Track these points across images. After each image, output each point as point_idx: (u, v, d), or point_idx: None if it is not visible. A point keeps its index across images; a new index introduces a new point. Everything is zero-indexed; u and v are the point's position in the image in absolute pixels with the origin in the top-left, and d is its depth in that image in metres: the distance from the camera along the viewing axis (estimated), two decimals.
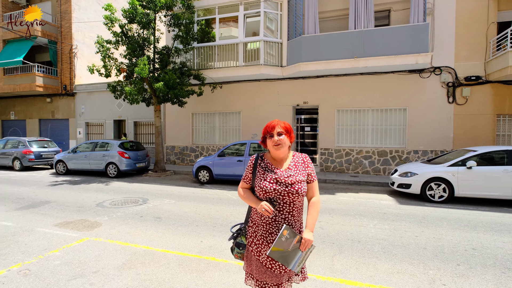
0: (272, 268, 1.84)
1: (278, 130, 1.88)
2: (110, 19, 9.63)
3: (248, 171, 1.99)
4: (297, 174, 1.88)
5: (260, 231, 1.89)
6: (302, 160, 1.98)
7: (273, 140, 1.87)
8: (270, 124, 1.92)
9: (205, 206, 6.36)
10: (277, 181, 1.84)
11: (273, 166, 1.91)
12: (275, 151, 1.89)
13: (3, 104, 18.07)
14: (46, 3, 16.54)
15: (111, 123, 15.25)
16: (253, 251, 1.91)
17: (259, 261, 1.88)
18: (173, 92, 10.15)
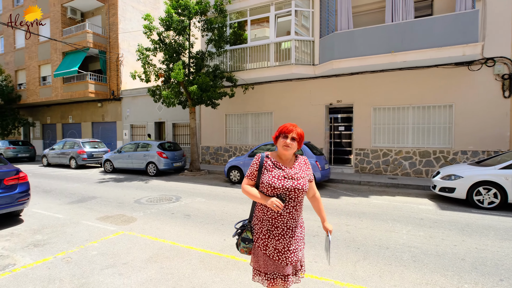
0: (279, 260, 1.98)
1: (293, 136, 2.01)
2: (149, 28, 10.29)
3: (253, 169, 2.08)
4: (301, 172, 2.05)
5: (265, 226, 2.01)
6: (304, 162, 2.15)
7: (285, 142, 2.00)
8: (288, 126, 2.03)
9: (232, 205, 6.50)
10: (285, 178, 1.98)
11: (280, 164, 2.04)
12: (283, 151, 2.02)
13: (63, 109, 20.31)
14: (97, 17, 18.23)
15: (152, 125, 16.29)
16: (260, 246, 2.01)
17: (265, 255, 2.00)
18: (206, 95, 10.52)
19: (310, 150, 8.53)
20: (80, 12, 18.73)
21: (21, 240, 4.34)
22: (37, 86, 19.63)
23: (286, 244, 1.99)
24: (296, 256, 2.03)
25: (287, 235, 1.99)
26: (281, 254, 1.98)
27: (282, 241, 1.98)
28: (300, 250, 2.06)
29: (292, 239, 2.01)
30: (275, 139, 2.10)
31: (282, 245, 1.98)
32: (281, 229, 1.98)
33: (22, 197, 5.09)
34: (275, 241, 1.98)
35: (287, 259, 1.99)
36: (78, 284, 3.06)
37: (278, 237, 1.98)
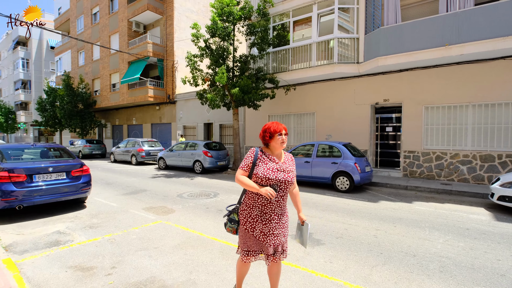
0: (264, 241, 2.29)
1: (285, 132, 2.32)
2: (196, 36, 11.10)
3: (248, 161, 2.32)
4: (290, 166, 2.38)
5: (255, 212, 2.30)
6: (291, 158, 2.46)
7: (282, 138, 2.30)
8: (277, 126, 2.31)
9: None
10: (278, 170, 2.27)
11: (274, 158, 2.33)
12: (280, 146, 2.31)
13: (128, 112, 22.93)
14: (156, 28, 20.18)
15: (202, 126, 17.39)
16: (247, 228, 2.32)
17: (253, 236, 2.31)
18: (248, 96, 10.90)
19: (349, 152, 8.24)
20: (143, 25, 20.95)
21: (81, 222, 5.18)
22: (108, 92, 22.54)
23: (271, 228, 2.29)
24: (279, 240, 2.32)
25: (273, 221, 2.30)
26: (266, 236, 2.28)
27: (269, 225, 2.28)
28: (283, 235, 2.36)
29: (277, 225, 2.31)
30: (268, 139, 2.32)
31: (268, 229, 2.28)
32: (269, 215, 2.28)
33: (84, 186, 6.04)
34: (262, 225, 2.28)
35: (271, 241, 2.28)
36: (115, 261, 3.58)
37: (265, 222, 2.28)
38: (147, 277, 3.18)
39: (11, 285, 2.93)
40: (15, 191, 5.11)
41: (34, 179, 5.37)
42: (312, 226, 4.99)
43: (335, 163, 8.24)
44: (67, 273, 3.27)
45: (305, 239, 2.47)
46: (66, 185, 5.71)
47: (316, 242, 4.24)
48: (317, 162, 8.67)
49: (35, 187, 5.32)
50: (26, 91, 40.28)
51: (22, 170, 5.28)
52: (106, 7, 22.62)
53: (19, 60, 39.85)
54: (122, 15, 20.87)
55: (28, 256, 3.75)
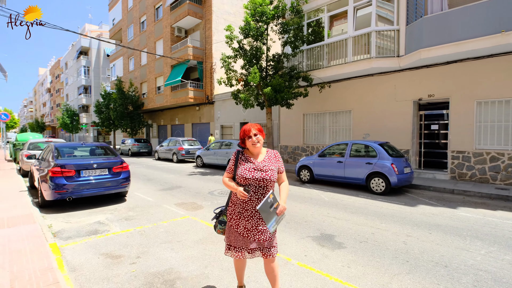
0: (248, 237, 2.36)
1: (254, 132, 2.36)
2: (230, 37, 11.36)
3: (231, 164, 2.47)
4: (270, 164, 2.39)
5: (238, 209, 2.40)
6: (274, 155, 2.49)
7: (252, 140, 2.36)
8: (246, 128, 2.39)
9: (292, 203, 6.61)
10: (255, 169, 2.33)
11: (251, 159, 2.40)
12: (253, 148, 2.38)
13: (171, 113, 24.33)
14: (196, 32, 21.08)
15: (238, 125, 17.76)
16: (232, 225, 2.43)
17: (237, 232, 2.41)
18: (280, 95, 10.85)
19: (386, 152, 7.75)
20: (184, 30, 22.05)
21: (119, 214, 5.68)
22: (154, 95, 24.19)
23: (254, 224, 2.35)
24: (264, 235, 2.34)
25: (255, 217, 2.35)
26: (249, 232, 2.36)
27: (251, 221, 2.35)
28: (268, 232, 2.35)
29: (260, 221, 2.35)
30: (242, 143, 2.46)
31: (251, 225, 2.35)
32: (250, 212, 2.35)
33: (124, 181, 6.60)
34: (245, 221, 2.36)
35: (254, 236, 2.34)
36: (141, 251, 3.87)
37: (247, 218, 2.36)
38: (166, 268, 3.39)
39: (52, 267, 3.35)
40: (66, 184, 5.79)
41: (82, 174, 6.02)
42: (335, 229, 4.82)
43: (370, 164, 7.82)
44: (99, 260, 3.62)
45: (270, 218, 2.24)
46: (108, 180, 6.30)
47: (337, 245, 4.09)
48: (350, 162, 8.31)
49: (82, 181, 5.97)
50: (87, 95, 45.02)
51: (72, 166, 5.95)
52: (152, 15, 24.27)
53: (81, 68, 44.71)
54: (165, 22, 22.20)
55: (70, 242, 4.23)
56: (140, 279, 3.13)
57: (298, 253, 3.84)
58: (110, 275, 3.22)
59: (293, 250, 3.92)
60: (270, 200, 2.23)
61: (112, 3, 32.78)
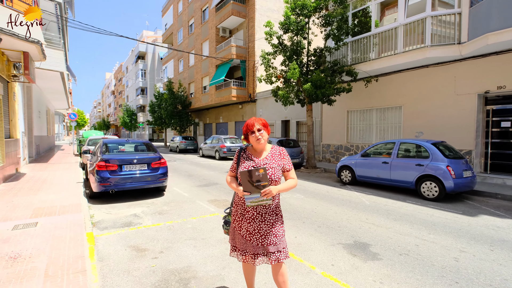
0: (251, 240, 2.21)
1: (257, 127, 2.19)
2: (269, 33, 11.15)
3: (234, 162, 2.34)
4: (272, 162, 2.20)
5: (239, 210, 2.26)
6: (279, 152, 2.29)
7: (255, 136, 2.19)
8: (249, 122, 2.22)
9: (328, 205, 6.18)
10: (254, 167, 2.14)
11: (252, 156, 2.25)
12: (257, 144, 2.22)
13: (216, 111, 25.07)
14: (240, 31, 21.31)
15: (279, 123, 17.50)
16: (235, 227, 2.30)
17: (239, 234, 2.27)
18: (321, 91, 10.32)
19: (441, 153, 6.81)
20: (229, 30, 22.48)
21: (154, 208, 5.91)
22: (200, 94, 25.18)
23: (257, 227, 2.19)
24: (268, 239, 2.17)
25: (257, 219, 2.19)
26: (252, 235, 2.20)
27: (253, 224, 2.20)
28: (273, 235, 2.18)
29: (262, 223, 2.19)
30: (245, 139, 2.30)
31: (253, 228, 2.20)
32: (251, 213, 2.20)
33: (161, 177, 6.87)
34: (247, 224, 2.21)
35: (257, 240, 2.19)
36: (165, 247, 3.92)
37: (249, 220, 2.21)
38: (184, 266, 3.35)
39: (84, 255, 3.55)
40: (109, 178, 6.22)
41: (123, 169, 6.42)
42: (372, 237, 4.32)
43: (421, 165, 6.95)
44: (125, 252, 3.75)
45: (251, 192, 2.05)
46: (146, 175, 6.62)
47: (371, 256, 3.64)
48: (397, 163, 7.51)
49: (123, 175, 6.36)
50: (144, 96, 48.95)
51: (115, 161, 6.38)
52: (199, 18, 25.25)
53: (139, 71, 48.77)
54: (211, 23, 22.90)
55: (105, 232, 4.49)
56: (158, 274, 3.14)
57: (325, 261, 3.50)
58: (131, 268, 3.30)
59: (319, 258, 3.59)
60: (258, 173, 2.02)
61: (164, 9, 34.99)
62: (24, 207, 5.54)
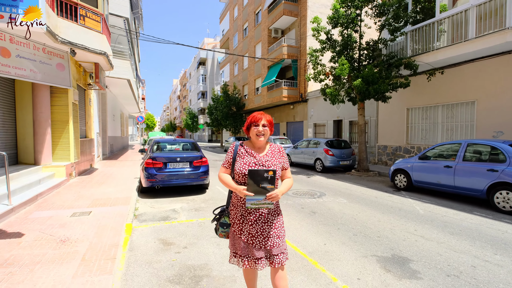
0: (253, 244, 2.06)
1: (263, 122, 2.08)
2: (316, 29, 10.69)
3: (229, 157, 2.18)
4: (273, 160, 2.10)
5: (240, 212, 2.10)
6: (278, 150, 2.19)
7: (258, 130, 2.07)
8: (256, 115, 2.11)
9: (372, 212, 5.60)
10: (256, 165, 2.04)
11: (253, 152, 2.11)
12: (257, 139, 2.09)
13: (268, 112, 25.17)
14: (292, 31, 21.04)
15: (331, 123, 16.70)
16: (236, 230, 2.13)
17: (241, 239, 2.10)
18: (373, 88, 9.47)
19: None
20: (281, 30, 22.39)
21: (192, 205, 6.16)
22: (253, 96, 25.64)
23: (259, 229, 2.05)
24: (271, 241, 2.05)
25: (260, 221, 2.05)
26: (254, 238, 2.05)
27: (256, 226, 2.05)
28: (277, 236, 2.08)
29: (265, 225, 2.06)
30: (246, 130, 2.18)
31: (255, 230, 2.05)
32: (254, 215, 2.04)
33: (202, 175, 7.13)
34: (249, 226, 2.05)
35: (260, 243, 2.05)
36: (189, 242, 4.01)
37: (251, 223, 2.05)
38: (202, 263, 3.37)
39: (119, 244, 3.86)
40: (156, 174, 6.71)
41: (168, 166, 6.86)
42: (416, 252, 3.73)
43: (494, 171, 5.80)
44: (154, 244, 3.96)
45: (256, 194, 1.93)
46: (188, 172, 6.95)
47: (410, 274, 3.13)
48: (463, 167, 6.41)
49: (167, 172, 6.79)
50: (204, 99, 52.09)
51: (161, 159, 6.85)
52: (252, 21, 25.77)
53: (200, 76, 52.12)
54: (263, 25, 23.14)
55: (143, 224, 4.83)
56: (175, 269, 3.22)
57: (351, 274, 3.14)
58: (154, 260, 3.45)
59: (345, 270, 3.24)
60: (266, 175, 1.92)
61: (222, 16, 36.70)
62: (86, 198, 6.33)
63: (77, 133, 9.26)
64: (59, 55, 7.99)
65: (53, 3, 7.47)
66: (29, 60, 7.10)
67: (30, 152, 8.01)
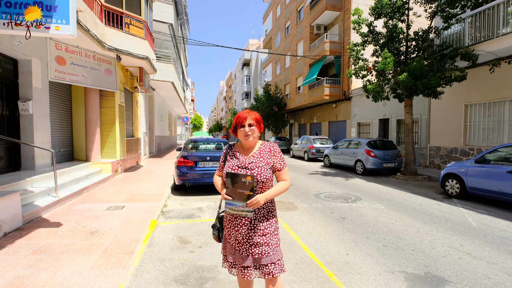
0: (240, 250, 1.95)
1: (249, 122, 1.95)
2: (357, 22, 9.98)
3: (221, 160, 2.12)
4: (259, 161, 1.94)
5: (228, 216, 2.00)
6: (269, 149, 2.02)
7: (244, 131, 1.95)
8: (241, 115, 1.98)
9: (411, 221, 4.99)
10: (238, 167, 1.93)
11: (238, 154, 2.01)
12: (245, 140, 1.98)
13: (310, 112, 24.50)
14: (335, 26, 20.14)
15: (376, 122, 15.54)
16: (225, 234, 2.06)
17: (229, 243, 2.03)
18: (421, 82, 8.51)
19: None
20: (323, 26, 21.59)
21: (216, 203, 6.17)
22: (294, 95, 25.19)
23: (245, 236, 1.92)
24: (258, 249, 1.90)
25: (245, 226, 1.91)
26: (241, 245, 1.94)
27: (242, 231, 1.92)
28: (265, 244, 1.90)
29: (251, 231, 1.91)
30: (233, 132, 2.07)
31: (241, 236, 1.93)
32: (239, 220, 1.92)
33: None
34: (235, 232, 1.95)
35: (247, 251, 1.92)
36: (205, 242, 3.99)
37: (237, 228, 1.93)
38: (211, 264, 3.31)
39: (140, 239, 4.01)
40: (187, 173, 6.91)
41: (198, 165, 7.01)
42: (457, 271, 3.18)
43: None
44: (171, 241, 4.03)
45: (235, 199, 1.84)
46: None
47: (436, 283, 2.66)
48: None
49: (197, 171, 6.94)
50: (248, 100, 52.88)
51: (193, 157, 7.04)
52: (294, 19, 25.33)
53: (244, 77, 53.09)
54: (305, 22, 22.57)
55: (168, 221, 4.97)
56: (184, 269, 3.21)
57: None
58: (166, 258, 3.50)
59: (363, 285, 2.88)
60: (244, 180, 1.78)
61: (265, 16, 36.81)
62: (124, 193, 6.78)
63: (123, 132, 10.03)
64: (107, 61, 8.72)
65: (101, 14, 8.18)
66: (81, 66, 7.87)
67: (83, 150, 8.90)
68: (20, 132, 6.41)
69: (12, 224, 4.14)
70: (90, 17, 6.93)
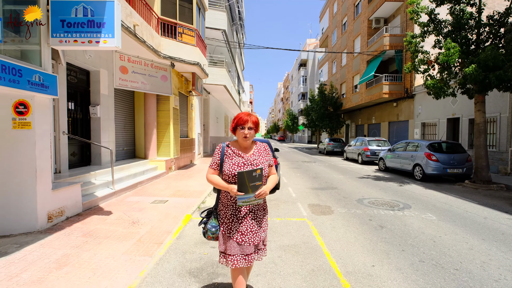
0: (242, 241, 2.10)
1: (249, 125, 2.11)
2: (415, 11, 8.99)
3: (216, 159, 2.21)
4: (260, 158, 2.18)
5: (230, 211, 2.15)
6: (264, 148, 2.26)
7: (244, 133, 2.11)
8: (242, 117, 2.13)
9: (465, 236, 4.30)
10: (244, 164, 2.11)
11: (240, 152, 2.17)
12: (243, 141, 2.15)
13: (368, 112, 22.91)
14: (397, 18, 18.48)
15: (444, 122, 13.73)
16: (224, 230, 2.17)
17: (230, 238, 2.13)
18: (494, 75, 7.24)
19: None
20: (383, 19, 19.99)
21: None
22: (351, 94, 23.88)
23: (249, 226, 2.13)
24: (258, 236, 2.16)
25: (249, 217, 2.14)
26: (244, 235, 2.11)
27: (245, 223, 2.12)
28: (263, 231, 2.23)
29: (254, 221, 2.15)
30: (232, 131, 2.20)
31: (245, 227, 2.12)
32: (244, 212, 2.13)
33: None
34: (239, 224, 2.12)
35: (250, 240, 2.11)
36: None
37: (241, 220, 2.12)
38: None
39: (172, 231, 4.34)
40: None
41: None
42: None
43: None
44: (198, 236, 4.23)
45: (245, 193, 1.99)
46: None
47: None
48: None
49: None
50: (304, 100, 52.09)
51: None
52: (352, 14, 24.06)
53: (301, 78, 52.47)
54: (363, 17, 21.24)
55: None
56: (200, 262, 3.36)
57: None
58: (189, 251, 3.70)
59: None
60: (255, 174, 1.98)
61: (322, 14, 35.80)
62: (172, 189, 7.39)
63: (177, 133, 10.91)
64: (163, 68, 9.61)
65: (158, 26, 9.08)
66: (141, 74, 8.84)
67: (142, 149, 9.98)
68: (90, 133, 7.53)
69: (73, 210, 4.90)
70: (146, 29, 7.75)
